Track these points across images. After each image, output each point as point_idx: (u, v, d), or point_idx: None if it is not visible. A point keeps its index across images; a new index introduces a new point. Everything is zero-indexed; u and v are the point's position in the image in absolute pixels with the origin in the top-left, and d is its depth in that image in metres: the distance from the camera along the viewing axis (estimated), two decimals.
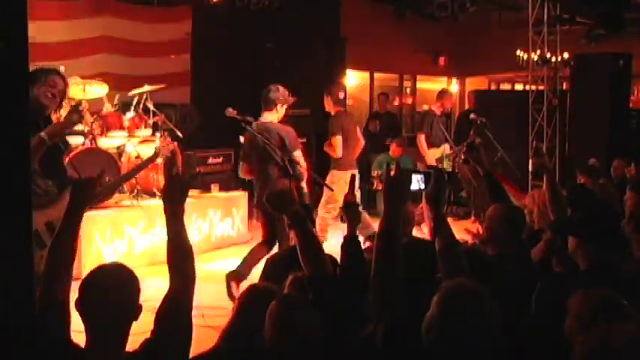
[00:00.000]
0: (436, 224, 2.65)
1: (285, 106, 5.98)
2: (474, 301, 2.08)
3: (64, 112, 7.46)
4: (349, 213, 3.06)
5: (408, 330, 2.23)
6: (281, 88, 5.99)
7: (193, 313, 2.53)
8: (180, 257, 2.47)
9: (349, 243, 3.02)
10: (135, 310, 2.32)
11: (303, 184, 5.74)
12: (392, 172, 2.57)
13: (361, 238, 3.13)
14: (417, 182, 2.74)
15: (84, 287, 2.32)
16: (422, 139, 8.78)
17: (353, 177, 3.21)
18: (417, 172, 2.79)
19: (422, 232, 5.27)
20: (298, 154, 5.68)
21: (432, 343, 2.08)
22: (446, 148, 8.51)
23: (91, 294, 2.30)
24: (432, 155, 8.73)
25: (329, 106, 7.23)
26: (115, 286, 2.30)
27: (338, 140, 7.00)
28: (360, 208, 3.11)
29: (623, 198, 5.24)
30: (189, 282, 2.45)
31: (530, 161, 8.86)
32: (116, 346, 2.29)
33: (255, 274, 5.25)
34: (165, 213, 2.46)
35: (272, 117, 5.91)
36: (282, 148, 5.62)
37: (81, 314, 2.30)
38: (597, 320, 2.24)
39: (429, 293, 2.22)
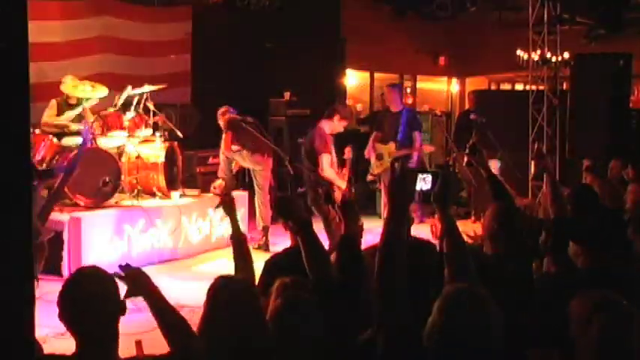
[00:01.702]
0: (443, 225, 2.62)
1: (342, 122, 6.71)
2: (476, 307, 2.06)
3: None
4: (347, 211, 3.03)
5: (411, 335, 2.21)
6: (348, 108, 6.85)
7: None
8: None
9: (346, 242, 3.01)
10: (118, 308, 2.31)
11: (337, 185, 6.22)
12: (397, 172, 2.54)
13: None
14: (421, 182, 2.70)
15: (62, 299, 2.30)
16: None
17: (350, 177, 3.20)
18: (424, 171, 2.75)
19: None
20: (322, 159, 6.29)
21: (433, 349, 2.07)
22: (391, 146, 8.53)
23: (70, 304, 2.29)
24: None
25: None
26: (91, 290, 2.29)
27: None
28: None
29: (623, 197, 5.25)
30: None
31: (533, 163, 8.85)
32: (108, 348, 2.28)
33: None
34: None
35: (325, 124, 6.66)
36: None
37: (67, 325, 2.28)
38: (594, 321, 2.24)
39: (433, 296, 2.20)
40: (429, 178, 2.70)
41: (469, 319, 2.03)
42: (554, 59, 9.71)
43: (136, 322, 2.47)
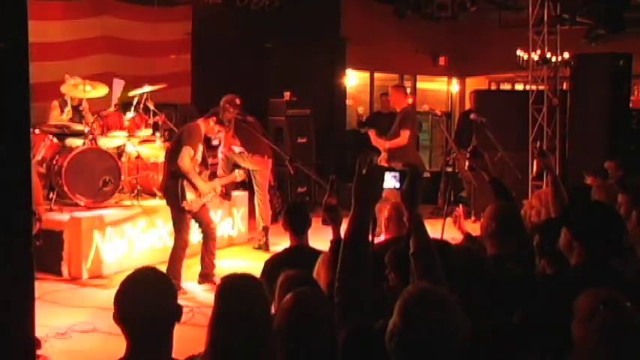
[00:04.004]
0: (411, 225, 2.56)
1: (215, 126, 6.42)
2: (436, 308, 2.00)
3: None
4: (331, 216, 3.02)
5: (374, 336, 2.17)
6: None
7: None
8: None
9: (337, 246, 3.01)
10: (175, 312, 2.26)
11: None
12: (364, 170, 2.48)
13: None
14: (391, 181, 2.64)
15: (119, 298, 2.25)
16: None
17: (332, 180, 3.17)
18: (392, 170, 2.69)
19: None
20: (184, 150, 6.06)
21: (394, 350, 2.02)
22: None
23: (126, 304, 2.24)
24: None
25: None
26: (149, 292, 2.24)
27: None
28: None
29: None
30: None
31: (535, 161, 8.85)
32: (159, 354, 2.24)
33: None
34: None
35: (201, 122, 6.36)
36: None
37: (121, 326, 2.22)
38: (596, 317, 2.24)
39: None
40: (397, 176, 2.64)
41: (427, 320, 1.98)
42: (554, 59, 9.71)
43: None
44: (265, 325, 2.38)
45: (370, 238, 2.50)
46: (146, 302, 2.21)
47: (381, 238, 4.36)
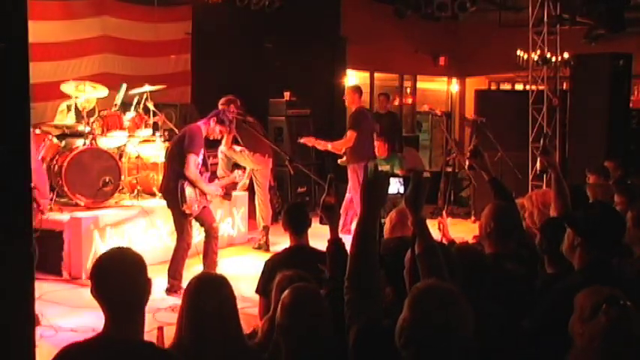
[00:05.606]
0: (415, 228, 2.61)
1: (216, 127, 6.40)
2: (445, 303, 2.04)
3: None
4: (329, 215, 3.04)
5: (384, 333, 2.20)
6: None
7: None
8: None
9: (335, 246, 3.03)
10: (146, 285, 2.40)
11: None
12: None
13: None
14: (395, 186, 2.70)
15: (95, 274, 2.40)
16: None
17: (331, 179, 3.19)
18: (396, 175, 2.75)
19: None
20: (189, 159, 6.02)
21: (403, 346, 2.05)
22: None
23: (101, 276, 2.38)
24: None
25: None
26: (124, 265, 2.39)
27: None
28: None
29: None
30: None
31: (538, 159, 8.84)
32: (135, 326, 2.37)
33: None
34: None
35: (202, 124, 6.34)
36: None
37: (98, 299, 2.36)
38: (601, 314, 2.25)
39: None
40: (401, 181, 2.71)
41: (436, 315, 2.02)
42: (554, 59, 9.71)
43: None
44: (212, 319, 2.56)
45: (377, 238, 2.57)
46: (119, 274, 2.36)
47: None
